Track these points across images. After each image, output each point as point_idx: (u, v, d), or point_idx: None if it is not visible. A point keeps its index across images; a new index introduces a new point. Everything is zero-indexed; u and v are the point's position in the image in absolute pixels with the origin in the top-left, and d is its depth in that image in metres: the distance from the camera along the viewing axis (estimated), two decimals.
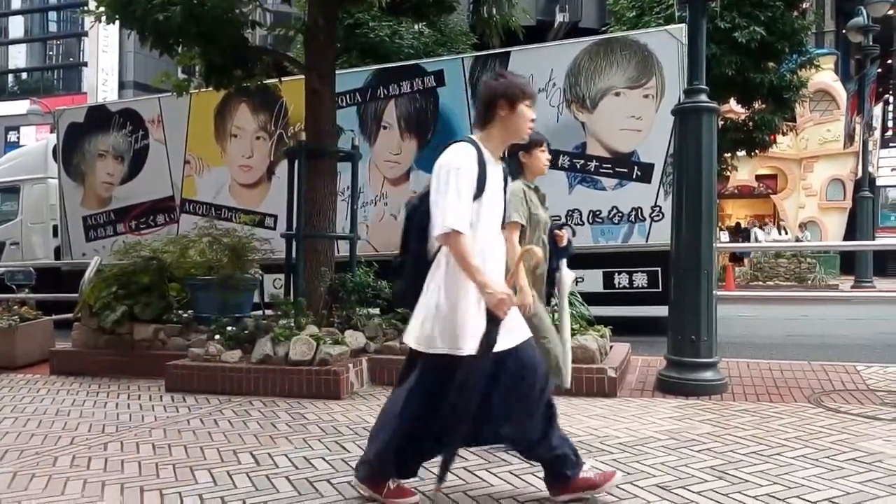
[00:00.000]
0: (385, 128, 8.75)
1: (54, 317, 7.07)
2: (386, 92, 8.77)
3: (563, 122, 7.96)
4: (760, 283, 16.49)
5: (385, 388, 4.93)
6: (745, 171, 21.34)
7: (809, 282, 15.97)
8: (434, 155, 2.56)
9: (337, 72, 6.50)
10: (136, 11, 5.50)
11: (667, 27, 8.16)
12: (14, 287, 8.33)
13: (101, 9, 5.82)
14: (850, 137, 16.96)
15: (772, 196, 23.43)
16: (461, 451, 2.87)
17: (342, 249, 6.93)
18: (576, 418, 3.95)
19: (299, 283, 5.75)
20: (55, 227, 10.82)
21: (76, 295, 6.50)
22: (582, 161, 7.90)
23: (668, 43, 7.58)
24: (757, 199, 24.38)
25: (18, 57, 41.99)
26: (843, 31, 18.79)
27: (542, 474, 2.69)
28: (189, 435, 3.80)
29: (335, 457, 3.30)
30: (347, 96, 8.75)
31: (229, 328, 5.29)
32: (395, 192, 8.67)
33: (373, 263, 6.03)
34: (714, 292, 4.58)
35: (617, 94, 7.77)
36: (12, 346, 6.23)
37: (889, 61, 24.58)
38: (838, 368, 5.15)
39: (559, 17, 27.05)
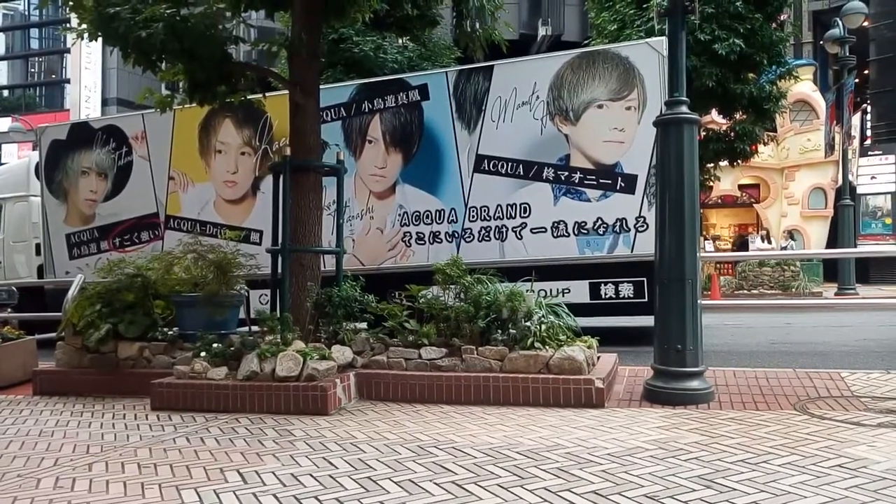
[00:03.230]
0: (370, 142, 8.78)
1: (37, 336, 6.98)
2: (371, 106, 8.80)
3: (547, 134, 8.03)
4: (745, 291, 16.63)
5: (373, 403, 4.91)
6: (727, 181, 21.57)
7: (793, 290, 16.13)
8: (420, 168, 2.58)
9: (321, 86, 6.52)
10: (119, 28, 5.48)
11: (647, 40, 8.27)
12: None
13: (84, 26, 5.81)
14: (830, 147, 17.22)
15: (755, 205, 23.67)
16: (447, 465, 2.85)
17: (328, 264, 6.92)
18: (563, 429, 3.96)
19: (285, 299, 5.73)
20: (38, 246, 10.73)
21: (60, 314, 6.44)
22: (566, 173, 7.96)
23: (649, 55, 7.68)
24: (740, 209, 24.62)
25: (0, 74, 41.70)
26: (821, 43, 19.13)
27: (533, 486, 2.68)
28: (175, 454, 3.76)
29: (323, 473, 3.28)
30: (332, 111, 8.78)
31: (215, 345, 5.25)
32: (380, 206, 8.68)
33: (359, 277, 6.02)
34: (699, 301, 4.62)
35: (600, 107, 7.85)
36: None
37: (865, 71, 25.02)
38: (823, 375, 5.20)
39: (542, 31, 27.34)
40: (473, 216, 8.28)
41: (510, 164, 8.16)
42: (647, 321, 5.53)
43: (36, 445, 4.10)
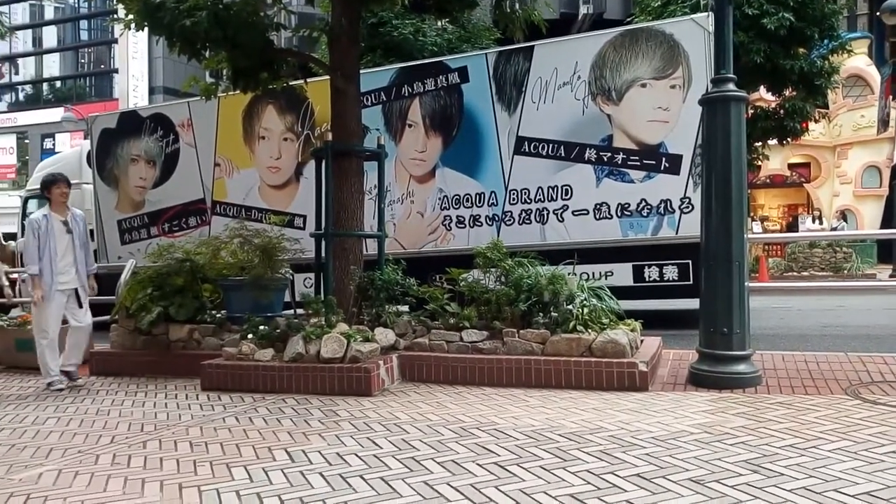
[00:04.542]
0: (410, 126, 8.79)
1: (93, 319, 7.22)
2: (410, 90, 8.80)
3: (589, 114, 7.91)
4: (795, 273, 16.19)
5: (416, 385, 4.96)
6: (776, 160, 20.98)
7: (846, 271, 15.64)
8: (459, 151, 2.57)
9: (361, 71, 6.54)
10: (164, 18, 5.60)
11: (692, 16, 8.06)
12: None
13: (130, 16, 5.95)
14: (884, 123, 16.58)
15: (805, 185, 22.97)
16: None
17: (370, 248, 6.99)
18: (606, 413, 3.94)
19: (329, 282, 5.82)
20: (91, 232, 11.08)
21: (113, 297, 6.65)
22: (609, 154, 7.84)
23: (694, 32, 7.48)
24: (790, 189, 23.93)
25: (52, 66, 43.03)
26: (878, 14, 18.32)
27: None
28: (225, 433, 3.87)
29: (368, 453, 3.34)
30: (372, 95, 8.81)
31: (261, 327, 5.37)
32: (421, 190, 8.70)
33: (400, 261, 6.07)
34: (746, 283, 4.52)
35: (643, 86, 7.69)
36: None
37: None
38: (876, 359, 5.05)
39: (583, 10, 26.88)
40: (514, 199, 8.23)
41: (551, 145, 8.07)
42: (692, 304, 5.44)
43: (94, 423, 4.27)
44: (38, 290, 5.42)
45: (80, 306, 5.65)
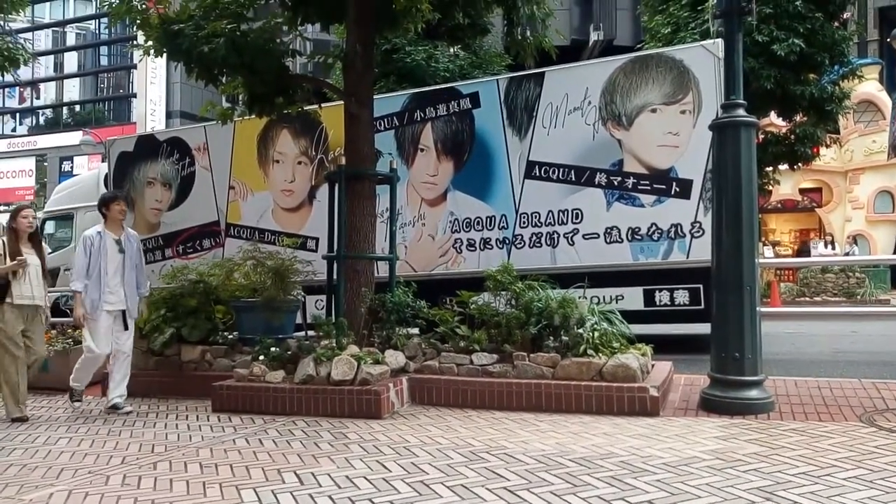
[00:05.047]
0: (422, 150, 8.86)
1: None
2: (423, 115, 8.89)
3: (599, 139, 7.95)
4: (807, 298, 16.05)
5: (425, 408, 4.96)
6: (788, 185, 20.91)
7: (859, 297, 15.49)
8: (471, 175, 2.61)
9: (375, 96, 6.64)
10: (183, 44, 5.73)
11: (703, 42, 8.11)
12: (68, 311, 8.63)
13: (150, 43, 6.09)
14: (894, 148, 16.51)
15: (817, 210, 22.86)
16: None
17: (382, 270, 7.02)
18: (617, 438, 3.92)
19: (340, 304, 5.85)
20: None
21: None
22: (619, 178, 7.86)
23: (704, 58, 7.53)
24: (801, 213, 23.80)
25: (72, 91, 43.79)
26: (888, 40, 18.35)
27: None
28: (235, 454, 3.88)
29: (377, 476, 3.33)
30: (385, 120, 8.91)
31: (273, 349, 5.39)
32: (432, 213, 8.75)
33: (411, 283, 6.09)
34: (758, 308, 4.50)
35: (653, 111, 7.74)
36: (66, 369, 6.43)
37: None
38: (891, 386, 4.99)
39: (594, 36, 27.12)
40: (524, 222, 8.26)
41: (562, 169, 8.11)
42: (703, 329, 5.42)
43: (105, 444, 4.29)
44: (79, 308, 5.29)
45: (126, 328, 5.49)
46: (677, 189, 7.60)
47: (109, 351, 5.42)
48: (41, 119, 44.22)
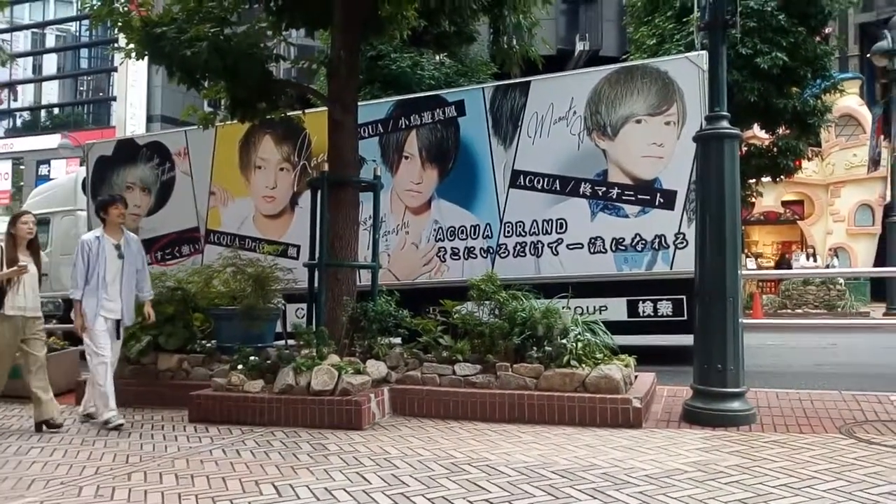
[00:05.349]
0: (407, 158, 8.83)
1: (80, 347, 7.15)
2: (407, 122, 8.86)
3: (584, 149, 7.97)
4: (789, 310, 16.19)
5: (407, 419, 4.90)
6: (770, 198, 21.11)
7: (839, 309, 15.64)
8: (455, 183, 2.57)
9: (359, 103, 6.60)
10: (165, 47, 5.67)
11: (687, 54, 8.17)
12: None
13: (131, 45, 6.01)
14: (874, 162, 16.78)
15: (799, 222, 23.11)
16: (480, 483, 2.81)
17: (364, 278, 6.96)
18: (600, 449, 3.89)
19: (321, 313, 5.78)
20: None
21: None
22: (604, 188, 7.88)
23: (688, 70, 7.58)
24: (784, 226, 24.05)
25: (51, 93, 43.27)
26: (868, 56, 18.64)
27: None
28: (211, 465, 3.80)
29: (356, 488, 3.27)
30: (370, 127, 8.86)
31: (252, 358, 5.31)
32: (416, 221, 8.71)
33: (394, 292, 6.04)
34: (740, 320, 4.51)
35: (638, 122, 7.77)
36: None
37: None
38: (871, 398, 5.01)
39: (579, 46, 27.27)
40: (509, 231, 8.24)
41: (546, 179, 8.12)
42: (687, 340, 5.42)
43: (78, 454, 4.19)
44: (80, 317, 5.07)
45: (118, 338, 5.32)
46: (661, 200, 7.63)
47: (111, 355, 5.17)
48: (18, 121, 43.59)
